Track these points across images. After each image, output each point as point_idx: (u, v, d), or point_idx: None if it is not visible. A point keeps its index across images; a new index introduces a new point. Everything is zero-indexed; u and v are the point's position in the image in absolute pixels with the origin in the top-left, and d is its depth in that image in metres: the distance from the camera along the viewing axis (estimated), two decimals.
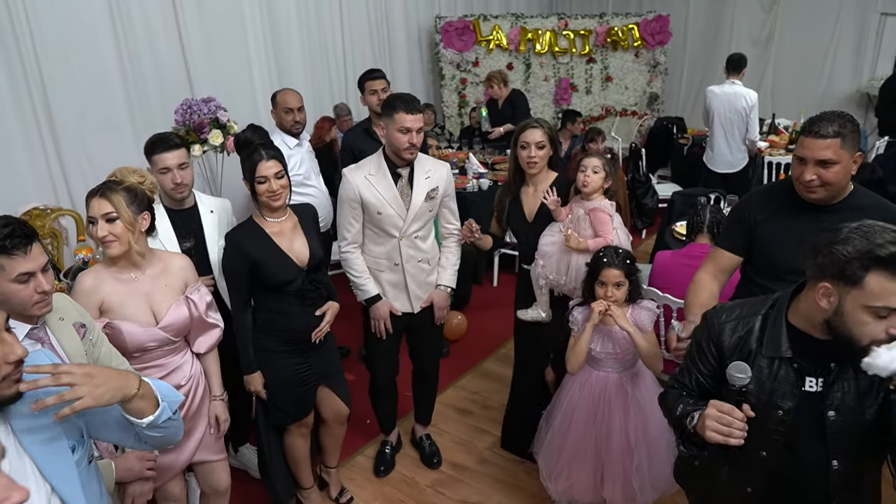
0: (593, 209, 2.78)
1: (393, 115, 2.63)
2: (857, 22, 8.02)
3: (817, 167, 1.95)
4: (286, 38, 5.89)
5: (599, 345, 2.55)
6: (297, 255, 2.53)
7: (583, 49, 7.72)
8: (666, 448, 2.59)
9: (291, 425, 2.78)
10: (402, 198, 2.77)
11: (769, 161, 6.00)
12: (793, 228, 2.06)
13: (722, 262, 2.26)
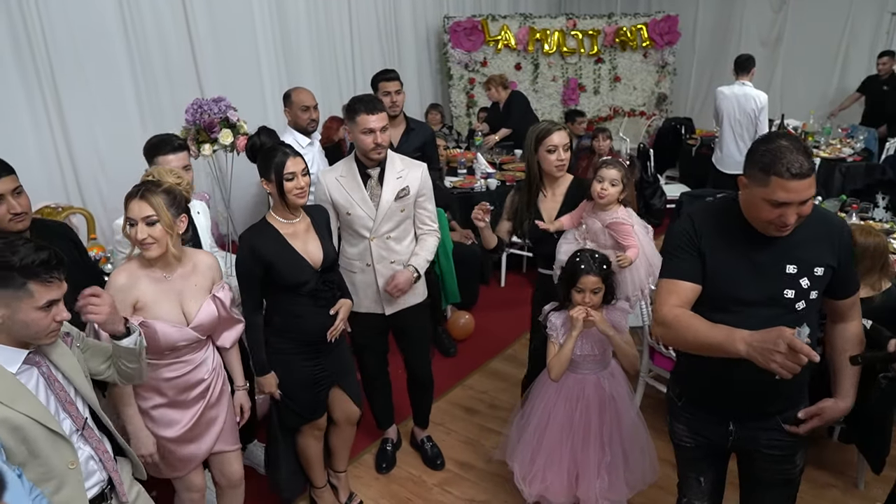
0: (612, 223, 2.74)
1: (355, 117, 2.66)
2: (868, 22, 7.98)
3: (799, 206, 1.71)
4: (295, 37, 5.92)
5: (578, 347, 2.54)
6: (311, 257, 2.54)
7: (591, 49, 7.72)
8: (639, 444, 2.64)
9: (305, 427, 2.79)
10: (371, 198, 2.79)
11: None
12: (747, 259, 1.82)
13: (686, 294, 1.86)
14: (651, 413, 3.63)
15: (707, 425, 2.04)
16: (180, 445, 2.34)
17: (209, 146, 3.56)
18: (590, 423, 2.57)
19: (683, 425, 2.09)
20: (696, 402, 2.05)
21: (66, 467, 1.70)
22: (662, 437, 3.43)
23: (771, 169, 1.65)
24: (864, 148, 6.23)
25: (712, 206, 1.96)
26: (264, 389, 2.64)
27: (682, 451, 2.17)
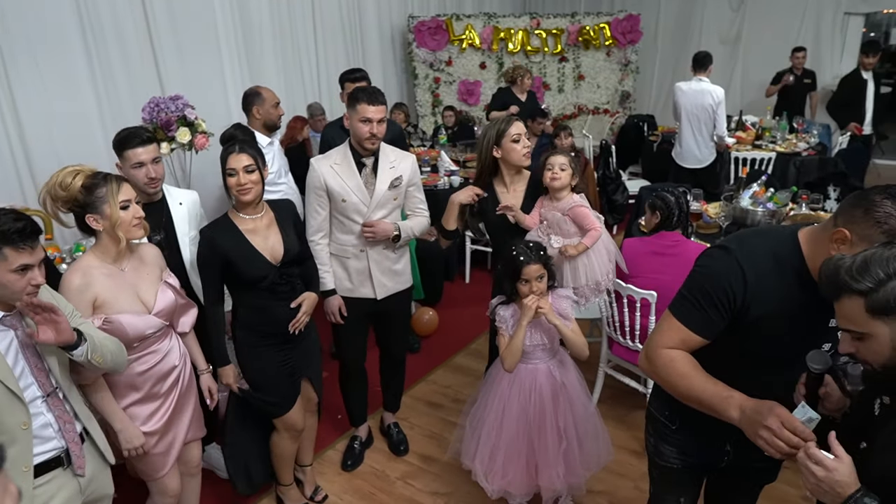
0: (572, 209, 2.80)
1: (356, 105, 2.76)
2: (822, 21, 8.20)
3: None
4: (258, 36, 5.89)
5: (528, 338, 2.58)
6: (270, 252, 2.56)
7: (555, 48, 7.80)
8: (592, 427, 2.68)
9: (281, 426, 2.80)
10: (365, 186, 2.87)
11: (736, 157, 6.11)
12: (799, 320, 1.59)
13: (692, 345, 1.66)
14: (611, 403, 3.71)
15: (702, 447, 1.91)
16: (160, 438, 2.36)
17: (167, 145, 3.56)
18: (544, 412, 2.60)
19: (674, 447, 1.95)
20: (693, 426, 1.85)
21: (18, 427, 1.77)
22: (622, 427, 3.53)
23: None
24: (818, 142, 6.39)
25: (767, 254, 1.59)
26: (224, 381, 2.66)
27: (667, 473, 2.01)
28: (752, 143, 6.39)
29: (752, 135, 6.56)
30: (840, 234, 1.45)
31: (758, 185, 4.12)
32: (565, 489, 2.71)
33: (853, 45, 8.14)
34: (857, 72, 6.60)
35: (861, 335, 1.33)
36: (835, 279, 1.32)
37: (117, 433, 2.21)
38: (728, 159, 6.10)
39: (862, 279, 1.27)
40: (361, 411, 3.40)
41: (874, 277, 1.26)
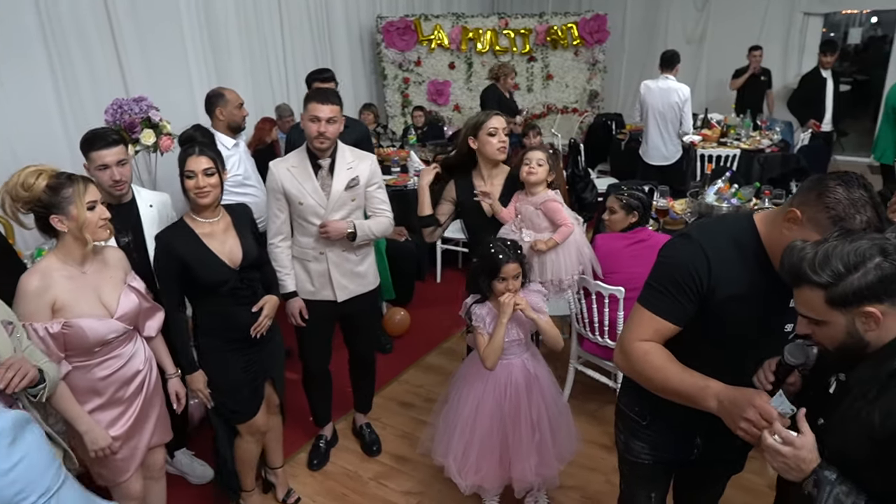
0: (545, 202, 2.84)
1: (307, 105, 2.77)
2: (782, 21, 8.40)
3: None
4: (224, 36, 5.84)
5: (506, 333, 2.57)
6: (229, 257, 2.53)
7: (523, 48, 7.85)
8: (563, 419, 2.70)
9: (244, 429, 2.77)
10: (322, 188, 2.85)
11: (702, 154, 6.21)
12: (762, 301, 1.63)
13: (665, 333, 1.69)
14: (582, 398, 3.74)
15: (672, 442, 1.93)
16: (125, 442, 2.32)
17: (131, 147, 3.51)
18: (519, 405, 2.61)
19: (645, 443, 1.96)
20: (664, 422, 1.89)
21: None
22: (593, 422, 3.57)
23: (842, 222, 1.44)
24: (781, 139, 6.52)
25: (727, 238, 1.65)
26: (193, 387, 2.62)
27: (638, 469, 2.03)
28: (718, 141, 6.50)
29: (718, 132, 6.68)
30: (792, 213, 1.50)
31: (722, 181, 4.20)
32: (538, 481, 2.73)
33: (813, 44, 8.33)
34: (817, 70, 6.75)
35: (818, 321, 1.38)
36: (797, 270, 1.36)
37: (82, 435, 2.16)
38: (694, 156, 6.21)
39: (823, 272, 1.31)
40: (325, 412, 3.39)
41: (834, 271, 1.30)
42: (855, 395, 1.40)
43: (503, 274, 2.50)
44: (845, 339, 1.36)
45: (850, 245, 1.31)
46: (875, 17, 10.74)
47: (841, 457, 1.41)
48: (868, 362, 1.39)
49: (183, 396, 2.57)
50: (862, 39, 10.63)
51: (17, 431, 1.31)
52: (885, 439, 1.32)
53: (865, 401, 1.37)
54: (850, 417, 1.40)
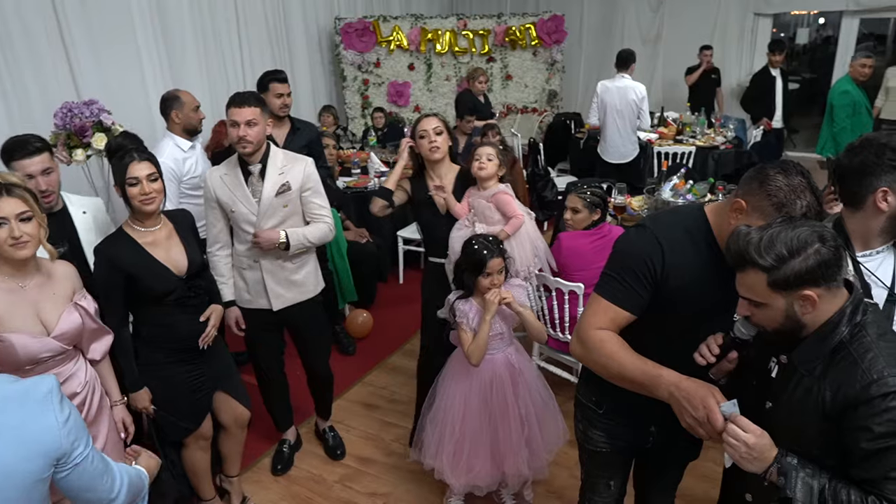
0: (496, 195, 2.90)
1: (227, 110, 2.72)
2: (734, 22, 8.62)
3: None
4: (179, 38, 5.74)
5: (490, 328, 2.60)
6: (174, 265, 2.46)
7: (482, 49, 7.88)
8: (550, 409, 2.73)
9: (190, 439, 2.71)
10: (253, 195, 2.80)
11: (658, 151, 6.33)
12: (715, 290, 1.66)
13: (620, 321, 1.73)
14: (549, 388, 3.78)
15: (628, 430, 1.98)
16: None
17: (82, 151, 3.43)
18: (506, 400, 2.62)
19: (602, 432, 2.01)
20: (619, 410, 1.94)
21: None
22: None
23: (784, 208, 1.50)
24: (734, 136, 6.68)
25: (679, 228, 1.70)
26: (137, 405, 2.52)
27: (597, 457, 2.08)
28: (674, 138, 6.63)
29: (674, 130, 6.81)
30: (738, 203, 1.56)
31: (678, 177, 4.29)
32: (531, 474, 2.75)
33: (764, 44, 8.54)
34: (766, 69, 6.93)
35: (759, 304, 1.44)
36: (743, 254, 1.41)
37: None
38: (651, 154, 6.32)
39: (767, 256, 1.37)
40: (286, 416, 3.36)
41: (778, 255, 1.36)
42: (801, 375, 1.47)
43: (489, 269, 2.52)
44: (783, 321, 1.43)
45: (793, 231, 1.37)
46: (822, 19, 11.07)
47: (794, 436, 1.47)
48: (809, 341, 1.45)
49: (130, 425, 2.42)
50: (809, 39, 10.94)
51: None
52: (839, 413, 1.38)
53: (813, 378, 1.44)
54: (800, 397, 1.46)
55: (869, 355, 1.37)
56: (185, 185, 3.61)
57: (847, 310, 1.42)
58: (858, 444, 1.36)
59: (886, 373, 1.34)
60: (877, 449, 1.34)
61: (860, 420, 1.35)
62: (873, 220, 1.83)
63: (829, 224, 1.93)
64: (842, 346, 1.41)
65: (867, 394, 1.34)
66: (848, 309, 1.42)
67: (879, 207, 1.79)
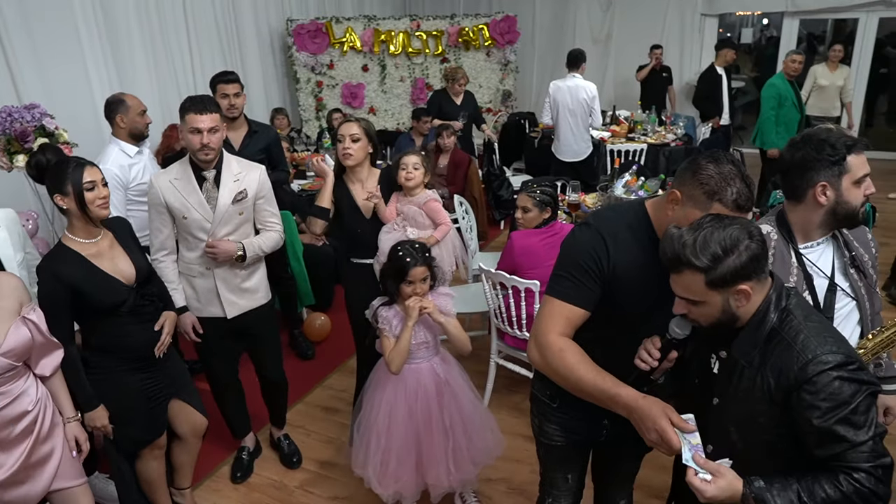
0: (427, 202, 2.98)
1: (184, 116, 2.64)
2: (682, 22, 8.83)
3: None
4: (126, 39, 5.60)
5: (412, 336, 2.58)
6: (122, 274, 2.41)
7: (436, 49, 7.90)
8: (479, 422, 2.72)
9: (144, 449, 2.65)
10: (208, 201, 2.74)
11: (611, 149, 6.43)
12: (658, 280, 1.66)
13: (577, 321, 1.74)
14: (504, 392, 3.81)
15: (582, 424, 2.00)
16: (8, 490, 2.10)
17: (23, 157, 3.32)
18: (430, 410, 2.61)
19: (556, 425, 2.04)
20: (573, 404, 1.93)
21: None
22: (515, 415, 3.63)
23: (716, 195, 1.53)
24: (685, 133, 6.84)
25: (621, 222, 1.74)
26: (95, 424, 2.43)
27: (553, 451, 2.11)
28: (626, 136, 6.74)
29: (626, 128, 6.93)
30: (673, 194, 1.61)
31: (630, 174, 4.36)
32: (457, 485, 2.74)
33: (710, 43, 8.79)
34: (713, 67, 7.11)
35: (697, 302, 1.49)
36: (679, 257, 1.45)
37: None
38: (604, 152, 6.42)
39: (703, 256, 1.42)
40: (242, 423, 3.31)
41: (713, 255, 1.42)
42: (742, 366, 1.52)
43: (410, 277, 2.50)
44: (720, 316, 1.49)
45: (725, 231, 1.42)
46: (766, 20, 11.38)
47: (746, 427, 1.53)
48: (745, 332, 1.51)
49: (84, 442, 2.33)
50: (754, 39, 11.25)
51: None
52: (784, 397, 1.45)
53: (753, 368, 1.50)
54: (746, 388, 1.51)
55: (800, 337, 1.45)
56: (132, 192, 3.52)
57: (773, 297, 1.50)
58: (811, 423, 1.42)
59: (819, 351, 1.41)
60: (829, 425, 1.40)
61: (806, 400, 1.41)
62: (814, 214, 1.89)
63: (772, 217, 2.00)
64: (774, 332, 1.48)
65: (806, 374, 1.41)
66: (773, 296, 1.50)
67: (819, 201, 1.85)
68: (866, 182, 1.85)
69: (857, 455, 1.40)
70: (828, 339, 1.45)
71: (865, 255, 2.00)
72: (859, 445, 1.40)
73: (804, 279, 1.89)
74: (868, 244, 2.04)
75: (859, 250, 1.99)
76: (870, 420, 1.42)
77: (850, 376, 1.40)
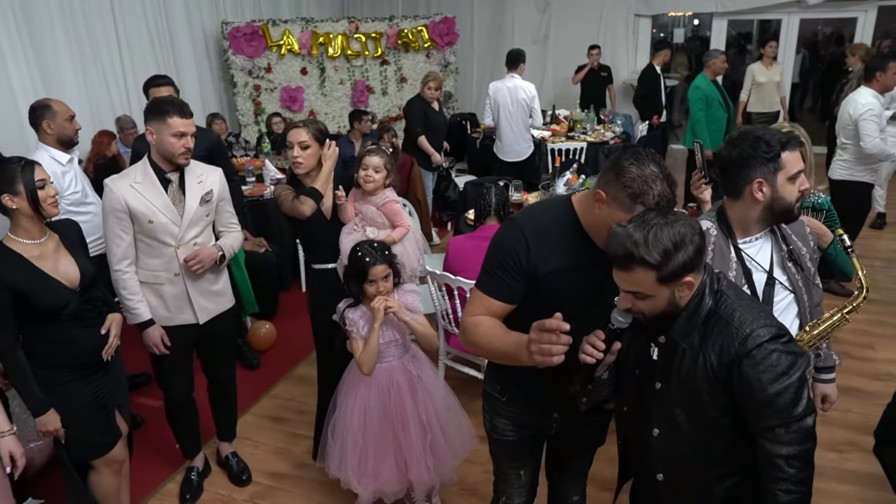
0: (386, 204, 2.93)
1: (166, 118, 2.57)
2: (617, 22, 9.03)
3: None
4: (51, 42, 5.37)
5: (381, 335, 2.58)
6: (66, 277, 2.33)
7: (375, 52, 7.85)
8: (454, 417, 2.74)
9: (99, 462, 2.55)
10: (174, 204, 2.68)
11: (552, 148, 6.52)
12: (590, 276, 1.72)
13: (495, 310, 1.80)
14: (454, 392, 3.78)
15: (532, 417, 2.03)
16: None
17: None
18: (405, 407, 2.61)
19: (507, 420, 2.06)
20: (522, 397, 2.00)
21: None
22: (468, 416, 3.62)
23: (639, 198, 1.55)
24: (623, 131, 6.99)
25: (548, 220, 1.78)
26: (48, 429, 2.35)
27: (504, 446, 2.13)
28: (566, 135, 6.85)
29: (565, 127, 7.04)
30: (599, 195, 1.63)
31: (571, 172, 4.43)
32: (437, 480, 2.75)
33: (645, 43, 9.01)
34: (651, 67, 7.30)
35: (645, 296, 1.53)
36: (631, 254, 1.47)
37: None
38: (545, 151, 6.50)
39: (655, 253, 1.45)
40: (194, 442, 3.20)
41: (665, 251, 1.45)
42: (683, 349, 1.58)
43: (371, 276, 2.49)
44: (666, 308, 1.55)
45: (672, 228, 1.46)
46: (697, 20, 11.75)
47: (690, 406, 1.59)
48: (683, 317, 1.58)
49: (19, 458, 2.23)
50: (686, 39, 11.60)
51: None
52: (726, 372, 1.52)
53: (694, 349, 1.57)
54: (688, 368, 1.58)
55: (737, 314, 1.53)
56: (66, 201, 3.38)
57: (707, 281, 1.57)
58: (752, 396, 1.50)
59: (755, 325, 1.50)
60: (767, 396, 1.49)
61: (746, 374, 1.49)
62: (751, 210, 1.94)
63: (713, 213, 2.05)
64: (711, 313, 1.56)
65: (745, 348, 1.49)
66: (707, 280, 1.57)
67: (756, 197, 1.90)
68: (801, 178, 1.91)
69: (789, 436, 1.50)
70: (760, 314, 1.54)
71: (803, 248, 2.06)
72: (792, 423, 1.49)
73: (743, 273, 1.95)
74: (806, 238, 2.10)
75: (797, 244, 2.05)
76: (804, 396, 1.51)
77: (784, 349, 1.49)
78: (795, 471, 1.50)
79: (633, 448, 1.86)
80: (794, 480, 1.50)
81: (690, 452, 1.64)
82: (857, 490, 3.01)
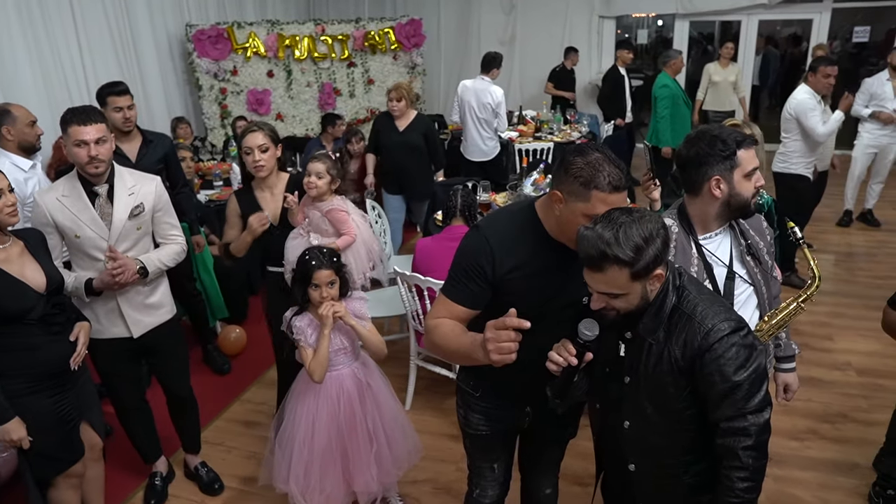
0: (330, 210, 2.92)
1: (67, 129, 2.48)
2: (581, 23, 9.14)
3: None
4: (8, 45, 5.25)
5: (330, 343, 2.57)
6: (31, 281, 2.30)
7: (342, 54, 7.83)
8: (400, 428, 2.74)
9: (59, 478, 2.49)
10: (102, 218, 2.60)
11: (519, 148, 6.59)
12: (558, 277, 1.78)
13: (458, 315, 1.83)
14: (426, 393, 3.83)
15: (505, 411, 2.07)
16: None
17: None
18: (354, 416, 2.59)
19: (480, 414, 2.09)
20: (494, 392, 2.04)
21: None
22: (438, 414, 3.66)
23: (591, 183, 1.58)
24: (589, 131, 7.08)
25: (511, 225, 1.82)
26: (10, 437, 2.28)
27: (478, 440, 2.16)
28: (533, 136, 6.92)
29: (532, 128, 7.11)
30: (555, 195, 1.67)
31: (538, 172, 4.48)
32: (380, 490, 2.74)
33: (609, 44, 9.14)
34: (615, 68, 7.41)
35: (619, 294, 1.56)
36: (605, 253, 1.49)
37: None
38: (512, 151, 6.56)
39: (627, 250, 1.48)
40: (152, 446, 3.15)
41: (636, 247, 1.48)
42: (649, 344, 1.63)
43: (316, 280, 2.48)
44: (639, 303, 1.59)
45: (640, 224, 1.50)
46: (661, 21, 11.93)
47: (657, 398, 1.65)
48: (649, 314, 1.62)
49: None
50: (649, 40, 11.78)
51: None
52: (690, 365, 1.58)
53: (660, 343, 1.62)
54: (655, 362, 1.63)
55: (699, 309, 1.59)
56: (28, 208, 3.32)
57: (669, 277, 1.61)
58: (715, 388, 1.56)
59: (717, 320, 1.56)
60: (729, 388, 1.55)
61: (708, 366, 1.55)
62: (710, 206, 2.01)
63: (674, 210, 2.11)
64: (675, 308, 1.61)
65: (707, 342, 1.54)
66: (670, 276, 1.61)
67: (714, 194, 1.97)
68: (756, 175, 1.98)
69: (745, 427, 1.56)
70: (720, 309, 1.60)
71: (761, 242, 2.14)
72: (748, 414, 1.56)
73: (704, 268, 2.01)
74: (763, 232, 2.18)
75: (755, 238, 2.12)
76: (762, 390, 1.58)
77: (743, 342, 1.55)
78: (752, 460, 1.56)
79: (605, 440, 1.91)
80: (750, 469, 1.56)
81: (659, 442, 1.70)
82: (818, 476, 3.11)
